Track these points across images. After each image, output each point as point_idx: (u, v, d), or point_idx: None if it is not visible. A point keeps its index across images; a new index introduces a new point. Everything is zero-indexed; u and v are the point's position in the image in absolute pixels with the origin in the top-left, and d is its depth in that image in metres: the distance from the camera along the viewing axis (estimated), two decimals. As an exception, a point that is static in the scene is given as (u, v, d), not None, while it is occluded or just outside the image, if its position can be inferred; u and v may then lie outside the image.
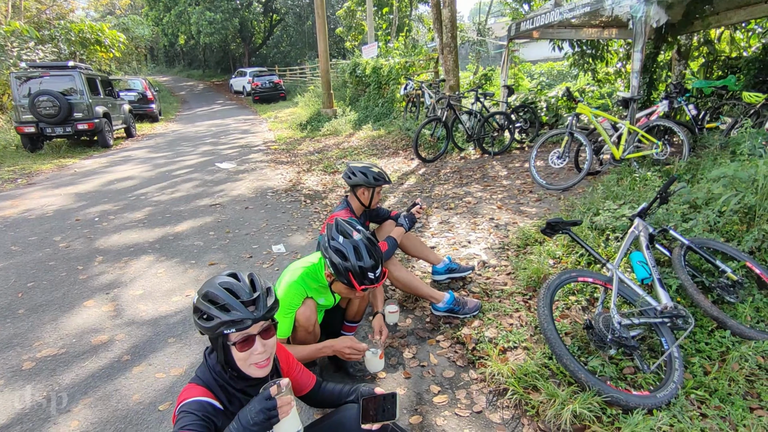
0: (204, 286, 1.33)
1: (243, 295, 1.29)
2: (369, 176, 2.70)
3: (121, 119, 12.21)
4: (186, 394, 1.29)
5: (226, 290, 1.29)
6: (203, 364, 1.38)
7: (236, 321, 1.25)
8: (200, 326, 1.29)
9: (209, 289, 1.30)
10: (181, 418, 1.21)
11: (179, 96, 27.57)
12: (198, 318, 1.29)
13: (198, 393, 1.28)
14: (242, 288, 1.31)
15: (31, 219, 5.34)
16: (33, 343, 2.79)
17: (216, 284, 1.31)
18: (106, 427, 2.10)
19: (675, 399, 1.99)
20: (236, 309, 1.26)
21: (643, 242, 2.68)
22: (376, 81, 11.74)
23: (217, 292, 1.29)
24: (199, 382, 1.33)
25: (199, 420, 1.21)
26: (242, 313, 1.26)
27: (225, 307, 1.26)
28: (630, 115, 5.07)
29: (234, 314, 1.25)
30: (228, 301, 1.27)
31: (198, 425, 1.19)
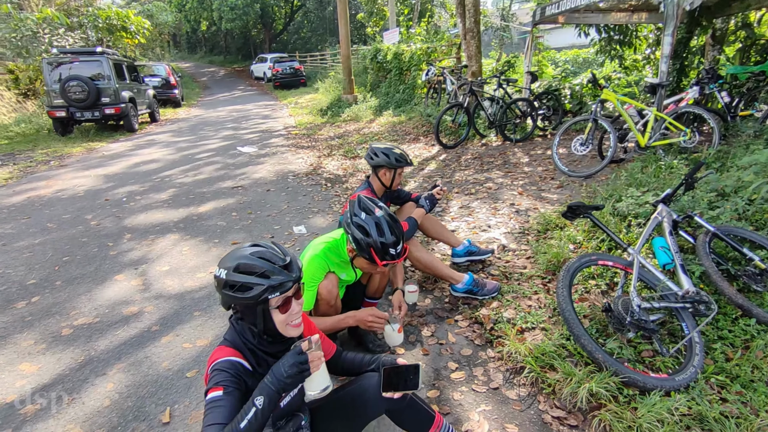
0: (229, 261, 1.34)
1: (278, 260, 1.34)
2: (391, 157, 2.73)
3: (145, 104, 12.46)
4: (217, 354, 1.35)
5: (260, 258, 1.33)
6: (230, 329, 1.44)
7: (278, 285, 1.30)
8: (237, 299, 1.31)
9: (241, 261, 1.33)
10: (215, 376, 1.27)
11: (201, 82, 27.92)
12: (233, 291, 1.30)
13: (229, 354, 1.34)
14: (274, 254, 1.36)
15: (64, 198, 5.56)
16: (70, 312, 2.94)
17: (248, 255, 1.35)
18: (138, 389, 2.22)
19: (694, 383, 1.99)
20: (277, 274, 1.31)
21: (666, 228, 2.65)
22: (398, 67, 11.67)
23: (252, 262, 1.32)
24: (228, 344, 1.39)
25: (232, 377, 1.28)
26: (283, 277, 1.31)
27: (265, 274, 1.30)
28: (657, 102, 4.94)
29: (275, 279, 1.30)
30: (267, 267, 1.31)
31: (231, 382, 1.26)
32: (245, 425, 1.16)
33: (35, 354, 2.52)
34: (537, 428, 1.91)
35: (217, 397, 1.23)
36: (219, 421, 1.18)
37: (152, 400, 2.15)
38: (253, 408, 1.19)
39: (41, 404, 2.14)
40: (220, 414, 1.19)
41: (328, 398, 1.68)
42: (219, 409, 1.20)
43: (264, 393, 1.22)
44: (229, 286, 1.31)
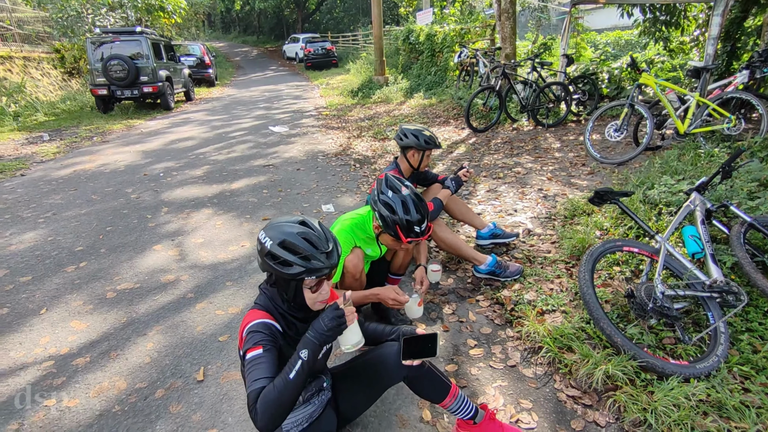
0: (277, 232, 1.40)
1: (322, 246, 1.40)
2: (420, 139, 2.76)
3: (181, 83, 12.80)
4: (251, 317, 1.45)
5: (305, 240, 1.39)
6: (261, 294, 1.53)
7: (316, 269, 1.37)
8: (276, 270, 1.38)
9: (288, 238, 1.38)
10: (252, 336, 1.37)
11: (234, 62, 28.31)
12: (274, 263, 1.37)
13: (262, 316, 1.44)
14: (320, 239, 1.41)
15: (107, 172, 5.86)
16: (113, 277, 3.15)
17: (295, 233, 1.40)
18: (175, 350, 2.39)
19: (716, 372, 1.98)
20: (317, 259, 1.37)
21: (698, 217, 2.58)
22: (430, 48, 11.51)
23: (296, 242, 1.38)
24: (260, 308, 1.49)
25: (268, 337, 1.38)
26: (323, 264, 1.38)
27: (307, 257, 1.37)
28: (701, 87, 4.73)
29: (315, 264, 1.37)
30: (310, 251, 1.37)
31: (269, 341, 1.36)
32: (294, 375, 1.26)
33: (84, 313, 2.74)
34: (551, 405, 1.95)
35: (258, 354, 1.32)
36: (265, 375, 1.28)
37: (188, 360, 2.31)
38: (300, 360, 1.28)
39: (90, 357, 2.33)
40: (264, 369, 1.29)
41: (349, 365, 1.78)
42: (262, 365, 1.30)
43: (308, 346, 1.31)
44: (271, 257, 1.38)
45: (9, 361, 2.33)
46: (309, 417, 1.59)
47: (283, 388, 1.24)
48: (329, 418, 1.67)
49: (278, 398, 1.22)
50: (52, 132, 8.67)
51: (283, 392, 1.23)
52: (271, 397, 1.22)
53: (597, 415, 1.88)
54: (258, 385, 1.25)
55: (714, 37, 4.59)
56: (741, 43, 6.43)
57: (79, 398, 2.06)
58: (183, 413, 1.97)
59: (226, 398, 2.04)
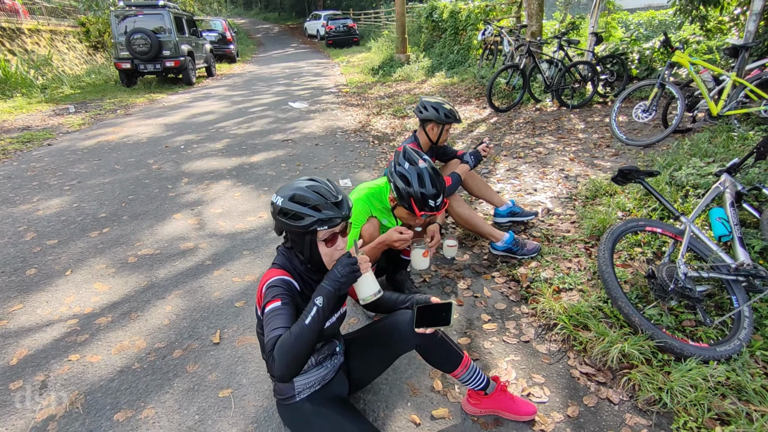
0: (287, 190, 1.42)
1: (330, 197, 1.42)
2: (440, 112, 2.70)
3: (203, 58, 12.83)
4: (269, 275, 1.46)
5: (315, 192, 1.41)
6: (279, 255, 1.55)
7: (327, 219, 1.38)
8: (289, 226, 1.40)
9: (297, 192, 1.40)
10: (270, 291, 1.39)
11: (255, 38, 28.21)
12: (286, 218, 1.39)
13: (280, 273, 1.45)
14: (329, 190, 1.44)
15: (129, 144, 5.96)
16: (135, 243, 3.23)
17: (303, 187, 1.43)
18: (193, 313, 2.44)
19: (737, 356, 1.93)
20: (327, 209, 1.39)
21: (727, 199, 2.49)
22: (453, 26, 11.22)
23: (306, 194, 1.40)
24: (278, 267, 1.50)
25: (287, 291, 1.40)
26: (333, 212, 1.39)
27: (317, 207, 1.38)
28: (738, 66, 4.49)
29: (326, 213, 1.38)
30: (319, 201, 1.39)
31: (286, 295, 1.38)
32: (309, 321, 1.28)
33: (106, 276, 2.82)
34: (564, 381, 1.94)
35: (277, 306, 1.34)
36: (283, 324, 1.30)
37: (205, 323, 2.36)
38: (315, 306, 1.30)
39: (112, 317, 2.41)
40: (282, 320, 1.31)
41: (362, 331, 1.79)
42: (281, 316, 1.32)
43: (323, 294, 1.33)
44: (283, 213, 1.41)
45: (36, 318, 2.42)
46: (321, 380, 1.61)
47: (299, 334, 1.25)
48: (341, 382, 1.69)
49: (294, 344, 1.24)
50: (78, 104, 8.83)
51: (299, 338, 1.25)
52: (288, 344, 1.24)
53: (610, 393, 1.86)
54: (276, 333, 1.27)
55: (757, 12, 4.33)
56: (785, 22, 6.07)
57: (101, 355, 2.14)
58: (199, 373, 2.02)
59: (241, 360, 2.09)
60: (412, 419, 1.76)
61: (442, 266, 2.83)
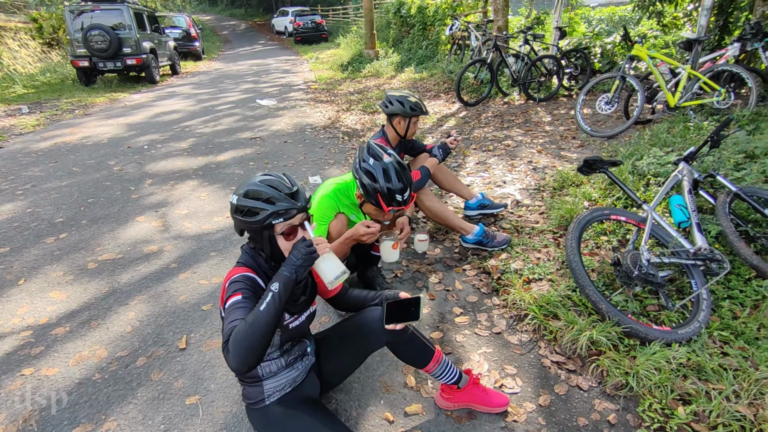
0: (241, 188, 1.41)
1: (284, 188, 1.39)
2: (406, 105, 2.69)
3: (166, 56, 12.41)
4: (233, 272, 1.42)
5: (268, 186, 1.38)
6: (243, 254, 1.50)
7: (282, 211, 1.35)
8: (245, 222, 1.37)
9: (250, 188, 1.38)
10: (232, 286, 1.35)
11: (222, 35, 27.53)
12: (242, 215, 1.37)
13: (244, 271, 1.41)
14: (282, 182, 1.41)
15: (89, 145, 5.70)
16: (95, 248, 3.09)
17: (256, 182, 1.40)
18: (157, 319, 2.35)
19: (697, 337, 2.00)
20: (281, 200, 1.36)
21: (685, 186, 2.58)
22: (421, 22, 11.24)
23: (259, 188, 1.37)
24: (242, 265, 1.46)
25: (249, 287, 1.35)
26: (287, 204, 1.36)
27: (270, 200, 1.36)
28: (692, 59, 4.68)
29: (280, 205, 1.35)
30: (273, 194, 1.36)
31: (248, 289, 1.34)
32: (264, 307, 1.22)
33: (64, 284, 2.68)
34: (536, 371, 1.96)
35: (237, 300, 1.30)
36: (241, 317, 1.24)
37: (170, 328, 2.28)
38: (270, 293, 1.24)
39: (70, 327, 2.29)
40: (241, 312, 1.26)
41: (332, 330, 1.76)
42: (240, 309, 1.27)
43: (279, 279, 1.27)
44: (239, 211, 1.38)
45: (-14, 331, 2.28)
46: (292, 382, 1.58)
47: (253, 322, 1.19)
48: (312, 383, 1.65)
49: (248, 331, 1.18)
50: (32, 105, 8.39)
51: (253, 325, 1.19)
52: (242, 332, 1.18)
53: (580, 380, 1.90)
54: (232, 325, 1.22)
55: (707, 8, 4.52)
56: (733, 17, 6.35)
57: (57, 367, 2.03)
58: (165, 380, 1.94)
59: (209, 366, 2.02)
60: (386, 417, 1.75)
61: (413, 261, 2.83)
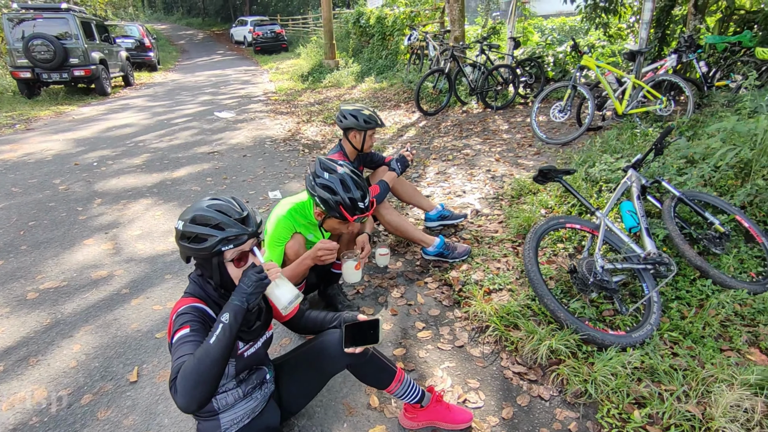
0: (187, 213, 1.33)
1: (234, 213, 1.33)
2: (359, 119, 2.67)
3: (118, 67, 11.93)
4: (180, 303, 1.34)
5: (217, 210, 1.32)
6: (191, 284, 1.42)
7: (232, 237, 1.29)
8: (192, 250, 1.30)
9: (197, 213, 1.31)
10: (179, 319, 1.27)
11: (178, 45, 26.79)
12: (189, 242, 1.30)
13: (191, 301, 1.34)
14: (231, 207, 1.34)
15: (31, 163, 5.36)
16: (36, 276, 2.89)
17: (204, 207, 1.33)
18: (106, 350, 2.21)
19: (649, 339, 2.07)
20: (231, 226, 1.30)
21: (634, 192, 2.69)
22: (380, 32, 11.34)
23: (207, 214, 1.31)
24: (189, 295, 1.38)
25: (197, 319, 1.28)
26: (237, 230, 1.30)
27: (220, 226, 1.29)
28: (636, 69, 4.93)
29: (230, 231, 1.29)
30: (222, 219, 1.30)
31: (197, 321, 1.27)
32: (214, 340, 1.16)
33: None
34: (498, 383, 1.97)
35: (185, 333, 1.23)
36: (190, 351, 1.17)
37: (120, 360, 2.15)
38: (221, 324, 1.19)
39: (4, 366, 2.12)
40: (189, 347, 1.19)
41: (291, 355, 1.70)
42: (189, 344, 1.20)
43: (229, 309, 1.22)
44: (185, 238, 1.31)
45: None
46: (251, 413, 1.51)
47: (202, 356, 1.13)
48: (272, 411, 1.59)
49: (196, 367, 1.11)
50: (-33, 120, 7.84)
51: (201, 360, 1.13)
52: (189, 368, 1.11)
53: (541, 390, 1.92)
54: (180, 361, 1.16)
55: (646, 21, 4.78)
56: (670, 30, 6.78)
57: (-10, 411, 1.86)
58: (113, 418, 1.82)
59: (163, 398, 1.92)
60: (349, 440, 1.70)
61: (375, 275, 2.80)
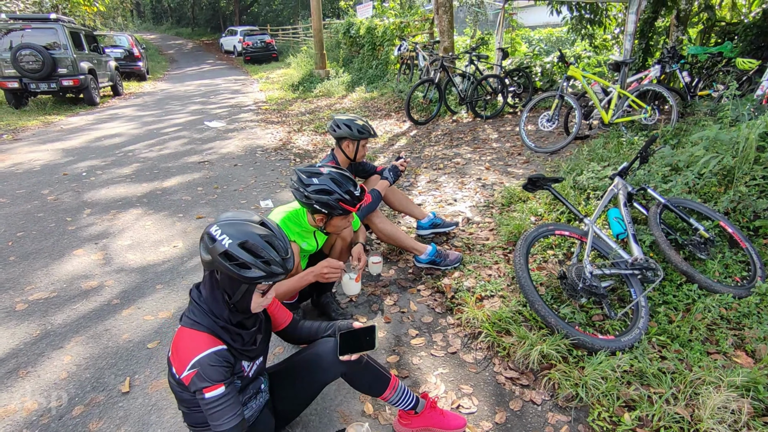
0: (235, 230, 1.28)
1: (282, 252, 1.32)
2: (353, 128, 2.70)
3: (107, 77, 11.87)
4: (195, 343, 1.29)
5: (268, 243, 1.30)
6: (196, 308, 1.36)
7: (274, 275, 1.29)
8: (230, 270, 1.25)
9: (249, 239, 1.27)
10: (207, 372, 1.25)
11: (168, 55, 26.73)
12: (230, 263, 1.25)
13: (209, 344, 1.29)
14: (281, 245, 1.33)
15: (19, 173, 5.30)
16: (25, 287, 2.85)
17: (257, 235, 1.30)
18: (97, 361, 2.19)
19: (638, 343, 2.11)
20: (277, 265, 1.29)
21: (621, 200, 2.75)
22: (371, 42, 11.46)
23: (259, 244, 1.28)
24: (201, 329, 1.33)
25: (226, 369, 1.28)
26: (281, 270, 1.30)
27: (268, 262, 1.28)
28: (621, 80, 5.05)
29: (275, 269, 1.28)
30: (271, 256, 1.29)
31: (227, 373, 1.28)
32: None
33: (-13, 329, 2.45)
34: (491, 388, 1.99)
35: (221, 393, 1.25)
36: (235, 412, 1.27)
37: (112, 371, 2.13)
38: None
39: (-6, 378, 2.09)
40: (232, 407, 1.26)
41: (285, 363, 1.70)
42: (230, 404, 1.26)
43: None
44: (227, 257, 1.26)
45: None
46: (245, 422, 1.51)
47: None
48: (266, 421, 1.60)
49: None
50: (-48, 130, 7.74)
51: None
52: None
53: (533, 394, 1.94)
54: (230, 424, 1.25)
55: (630, 33, 4.92)
56: (653, 41, 6.96)
57: (-21, 424, 1.84)
58: (105, 430, 1.81)
59: (155, 409, 1.90)
60: (344, 448, 1.71)
61: (368, 283, 2.82)
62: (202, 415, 1.35)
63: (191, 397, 1.33)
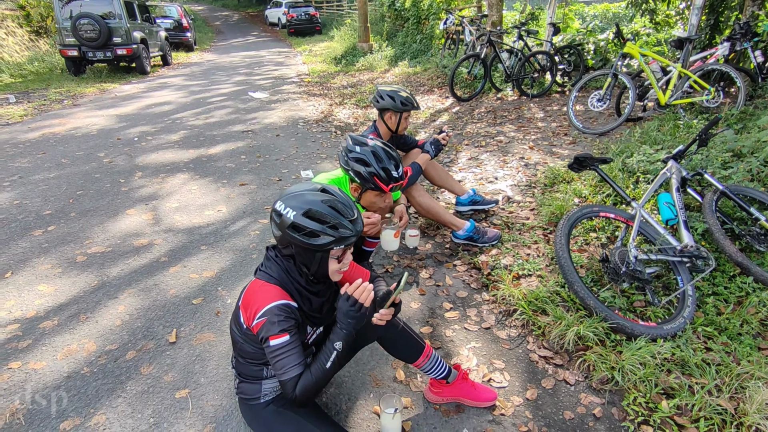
0: (299, 202, 1.30)
1: (348, 214, 1.33)
2: (396, 100, 2.68)
3: (157, 46, 12.24)
4: (265, 294, 1.34)
5: (332, 209, 1.31)
6: (273, 265, 1.41)
7: (345, 238, 1.31)
8: (301, 242, 1.29)
9: (313, 207, 1.29)
10: (274, 321, 1.29)
11: (214, 26, 27.18)
12: (299, 234, 1.28)
13: (279, 296, 1.34)
14: (346, 207, 1.35)
15: (78, 136, 5.62)
16: (84, 241, 3.06)
17: (319, 202, 1.31)
18: (147, 312, 2.34)
19: (681, 332, 2.04)
20: (346, 227, 1.31)
21: (674, 184, 2.61)
22: (416, 15, 11.19)
23: (324, 211, 1.30)
24: (274, 281, 1.37)
25: (293, 321, 1.33)
26: (350, 232, 1.31)
27: (335, 226, 1.29)
28: (683, 58, 4.70)
29: (344, 232, 1.30)
30: (339, 220, 1.30)
31: (293, 326, 1.32)
32: (330, 365, 1.31)
33: (52, 277, 2.66)
34: (523, 365, 1.99)
35: (286, 342, 1.29)
36: (298, 361, 1.30)
37: (160, 322, 2.27)
38: (335, 351, 1.31)
39: (58, 320, 2.28)
40: (296, 357, 1.30)
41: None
42: (293, 354, 1.30)
43: (341, 338, 1.32)
44: (295, 229, 1.29)
45: (-28, 324, 2.26)
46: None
47: (321, 377, 1.30)
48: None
49: (316, 384, 1.30)
50: (19, 94, 8.25)
51: (320, 380, 1.31)
52: (311, 386, 1.29)
53: (567, 374, 1.92)
54: (293, 372, 1.29)
55: (698, 6, 4.54)
56: (724, 17, 6.40)
57: (45, 361, 2.01)
58: (154, 374, 1.94)
59: (199, 359, 2.02)
60: (375, 410, 1.76)
61: (404, 256, 2.84)
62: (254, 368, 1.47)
63: (253, 349, 1.42)
